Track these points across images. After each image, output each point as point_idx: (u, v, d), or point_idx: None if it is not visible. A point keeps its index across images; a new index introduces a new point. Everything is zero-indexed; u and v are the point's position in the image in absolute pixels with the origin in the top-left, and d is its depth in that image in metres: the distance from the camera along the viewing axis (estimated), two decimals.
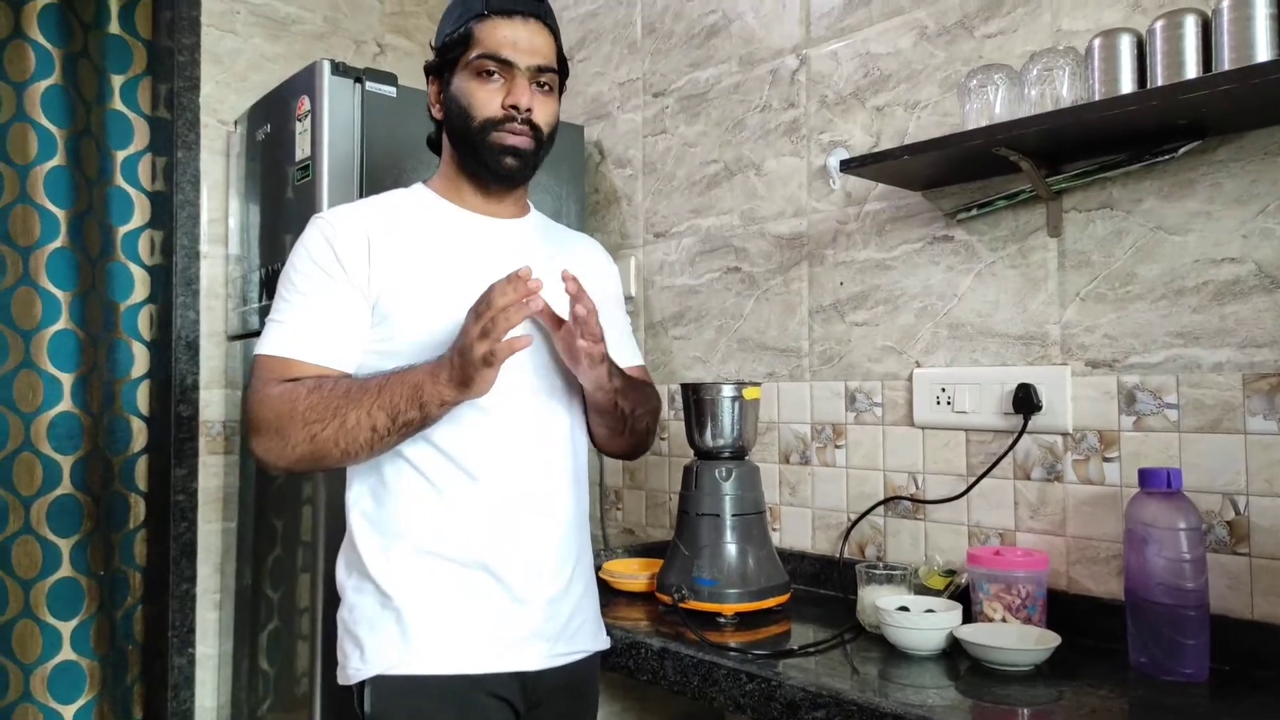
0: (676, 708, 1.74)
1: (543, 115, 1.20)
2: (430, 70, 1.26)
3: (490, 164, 1.20)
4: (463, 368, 1.02)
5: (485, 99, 1.18)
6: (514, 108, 1.17)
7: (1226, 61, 1.12)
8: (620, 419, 1.27)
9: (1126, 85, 1.23)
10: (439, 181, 1.27)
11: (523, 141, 1.19)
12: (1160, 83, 1.18)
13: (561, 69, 1.24)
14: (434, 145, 1.32)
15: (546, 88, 1.21)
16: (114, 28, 2.20)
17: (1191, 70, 1.16)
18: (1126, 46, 1.23)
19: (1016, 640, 1.23)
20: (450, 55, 1.21)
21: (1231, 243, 1.27)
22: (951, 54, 1.58)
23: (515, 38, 1.17)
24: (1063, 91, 1.29)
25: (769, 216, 1.87)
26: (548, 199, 2.10)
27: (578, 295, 1.10)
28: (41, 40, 2.07)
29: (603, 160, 2.26)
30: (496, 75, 1.18)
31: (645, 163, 2.15)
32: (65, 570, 2.06)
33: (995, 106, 1.35)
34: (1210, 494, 1.27)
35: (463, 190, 1.25)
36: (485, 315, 0.99)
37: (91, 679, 2.07)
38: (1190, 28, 1.16)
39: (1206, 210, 1.29)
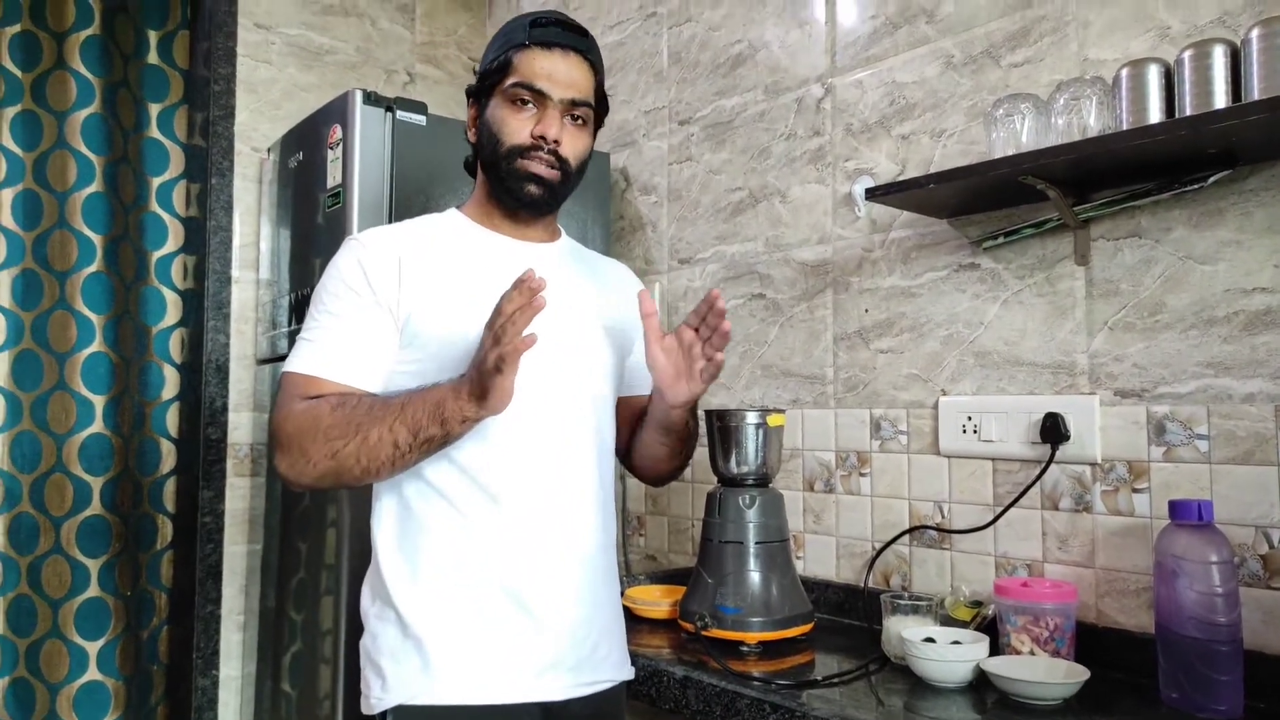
0: None
1: (571, 149, 1.21)
2: (470, 94, 1.27)
3: (514, 190, 1.21)
4: (479, 380, 1.02)
5: (515, 127, 1.19)
6: (541, 138, 1.18)
7: (1256, 91, 1.12)
8: (685, 437, 1.31)
9: (1155, 115, 1.22)
10: (472, 206, 1.29)
11: (547, 171, 1.20)
12: (1189, 112, 1.18)
13: (600, 104, 1.25)
14: (470, 169, 1.33)
15: (580, 121, 1.22)
16: (153, 58, 2.26)
17: (1220, 100, 1.16)
18: (1154, 76, 1.23)
19: (1045, 674, 1.21)
20: (488, 81, 1.22)
21: (1263, 272, 1.26)
22: (978, 83, 1.58)
23: (552, 69, 1.18)
24: (1090, 121, 1.29)
25: (794, 243, 1.88)
26: (573, 225, 2.11)
27: (722, 313, 1.13)
28: (83, 70, 2.13)
29: (628, 187, 2.28)
30: (530, 105, 1.19)
31: (670, 189, 2.17)
32: (93, 590, 2.08)
33: (1022, 135, 1.35)
34: (1243, 527, 1.25)
35: (494, 215, 1.26)
36: (496, 323, 1.00)
37: (117, 699, 2.09)
38: (1219, 58, 1.16)
39: (1237, 239, 1.28)
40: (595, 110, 1.25)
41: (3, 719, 2.02)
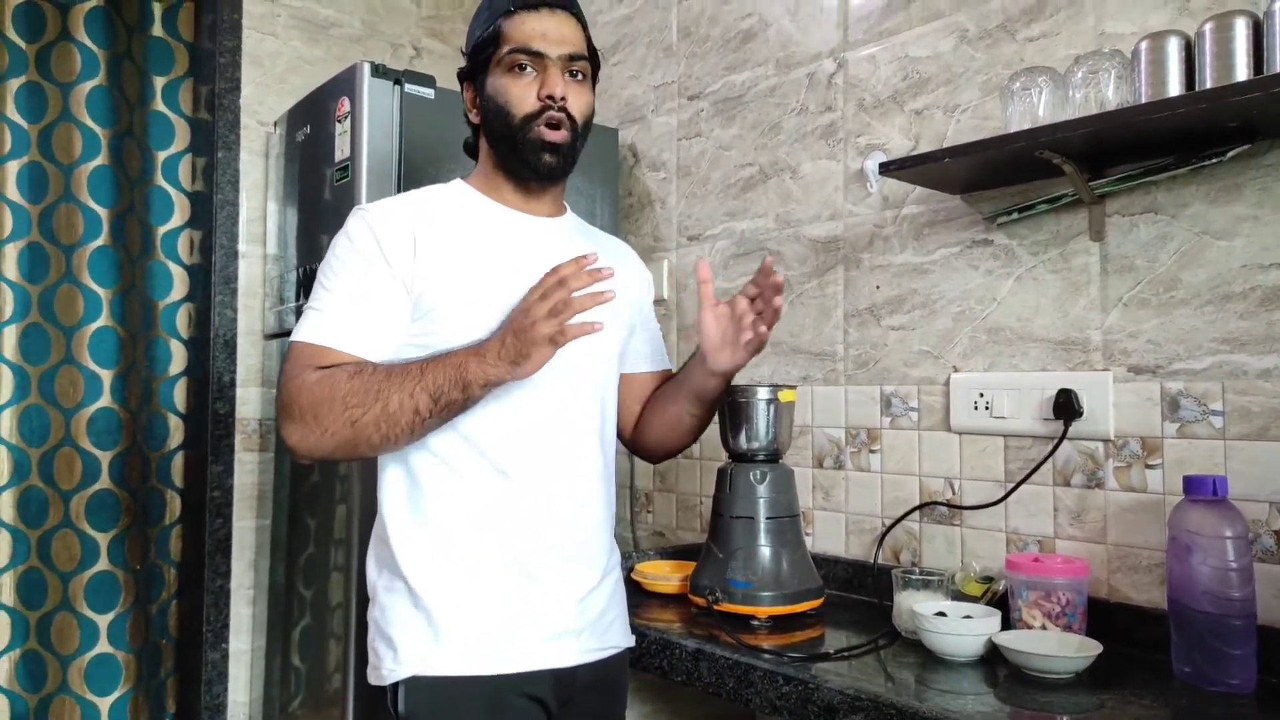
0: (707, 710, 1.73)
1: (577, 104, 1.21)
2: (464, 76, 1.27)
3: (531, 161, 1.20)
4: (518, 346, 1.04)
5: (521, 94, 1.18)
6: (550, 98, 1.17)
7: (1279, 64, 1.11)
8: (713, 408, 1.36)
9: (1174, 88, 1.21)
10: (478, 179, 1.27)
11: (560, 136, 1.19)
12: (1209, 85, 1.17)
13: (593, 58, 1.25)
14: (471, 150, 1.32)
15: (579, 76, 1.22)
16: (157, 30, 2.24)
17: (1242, 72, 1.15)
18: (1174, 49, 1.22)
19: (1057, 647, 1.22)
20: (482, 56, 1.21)
21: None
22: (992, 57, 1.57)
23: (544, 29, 1.18)
24: (1108, 94, 1.28)
25: (804, 220, 1.87)
26: (581, 201, 2.10)
27: (778, 287, 1.19)
28: (87, 42, 2.11)
29: (636, 163, 2.27)
30: (529, 68, 1.18)
31: (679, 166, 2.15)
32: (103, 564, 2.09)
33: (1039, 109, 1.34)
34: (1257, 503, 1.25)
35: (502, 189, 1.25)
36: (555, 295, 1.02)
37: (127, 671, 2.10)
38: (1241, 30, 1.15)
39: (1255, 215, 1.27)
40: (590, 63, 1.24)
41: (15, 690, 2.03)
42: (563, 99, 1.18)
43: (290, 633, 2.05)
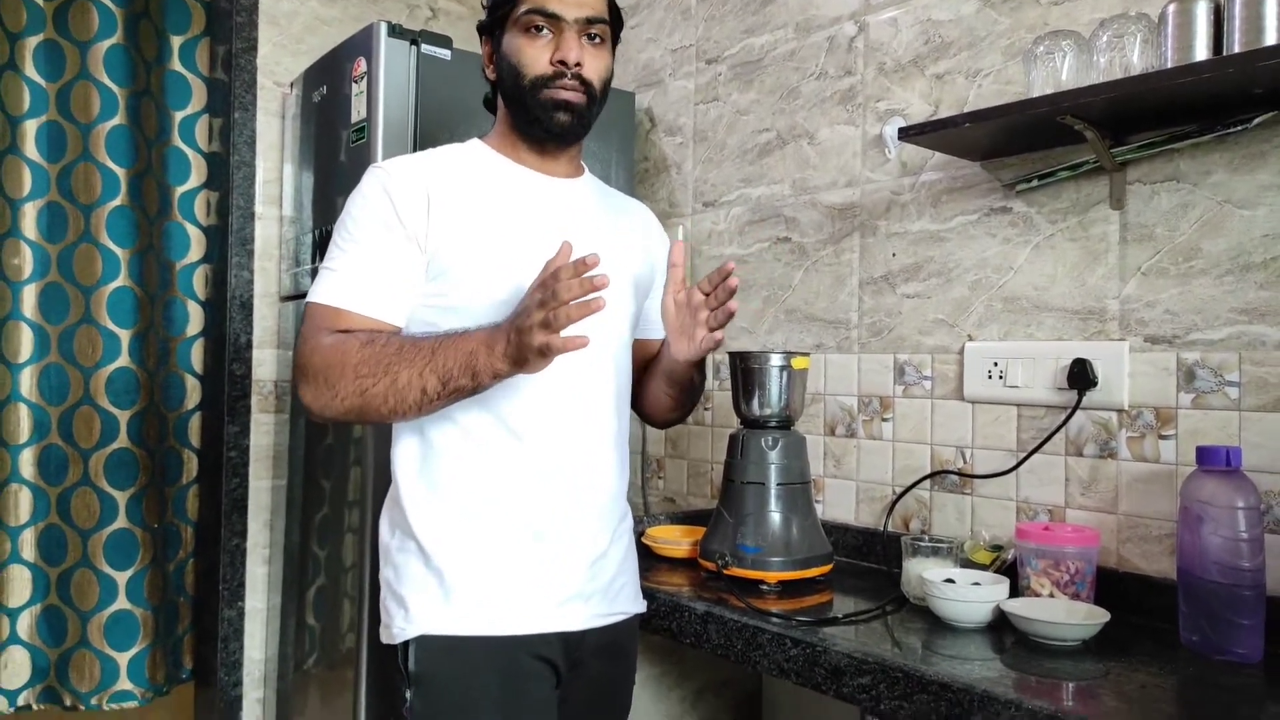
0: (715, 672, 1.75)
1: (593, 69, 1.19)
2: (483, 30, 1.26)
3: (543, 120, 1.18)
4: (519, 347, 1.00)
5: (534, 56, 1.17)
6: (562, 63, 1.16)
7: None
8: (687, 390, 1.33)
9: (1201, 53, 1.19)
10: (495, 139, 1.26)
11: (574, 96, 1.18)
12: (1238, 50, 1.15)
13: (614, 20, 1.23)
14: (490, 106, 1.32)
15: (597, 40, 1.20)
16: None
17: (1271, 37, 1.13)
18: (1203, 12, 1.19)
19: (1065, 615, 1.22)
20: (500, 12, 1.20)
21: None
22: (1016, 21, 1.54)
23: None
24: (1134, 59, 1.26)
25: (821, 186, 1.85)
26: (597, 166, 2.09)
27: (732, 290, 1.15)
28: None
29: (653, 128, 2.25)
30: (545, 30, 1.17)
31: (696, 131, 2.14)
32: (121, 522, 2.12)
33: (1063, 74, 1.32)
34: (1271, 474, 1.24)
35: (519, 148, 1.24)
36: (549, 305, 0.97)
37: (145, 628, 2.13)
38: None
39: (1278, 183, 1.25)
40: (611, 26, 1.22)
41: (36, 644, 2.07)
42: (577, 65, 1.17)
43: (305, 592, 2.08)
